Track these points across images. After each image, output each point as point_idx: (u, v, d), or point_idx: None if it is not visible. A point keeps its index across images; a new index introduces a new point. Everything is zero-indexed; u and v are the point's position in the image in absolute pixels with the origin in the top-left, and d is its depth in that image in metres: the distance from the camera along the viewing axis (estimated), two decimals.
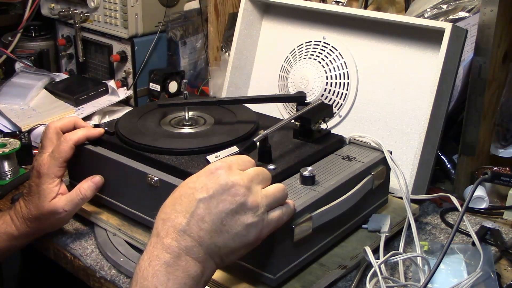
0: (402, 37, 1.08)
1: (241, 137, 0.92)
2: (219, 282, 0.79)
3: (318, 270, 0.82)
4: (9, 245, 0.92)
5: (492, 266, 0.85)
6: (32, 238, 0.93)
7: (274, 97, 1.19)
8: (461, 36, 1.00)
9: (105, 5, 1.48)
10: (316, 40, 1.17)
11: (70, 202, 0.90)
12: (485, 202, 1.05)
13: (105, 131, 0.95)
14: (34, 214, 0.89)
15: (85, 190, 0.91)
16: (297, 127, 0.93)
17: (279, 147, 0.90)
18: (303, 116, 0.92)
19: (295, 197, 0.80)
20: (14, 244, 0.92)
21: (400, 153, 1.04)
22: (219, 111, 1.03)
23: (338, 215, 0.83)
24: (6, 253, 0.93)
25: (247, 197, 0.67)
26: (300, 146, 0.91)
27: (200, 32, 1.56)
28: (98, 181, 0.92)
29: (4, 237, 0.91)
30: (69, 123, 0.95)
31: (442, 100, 1.01)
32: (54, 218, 0.90)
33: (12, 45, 1.60)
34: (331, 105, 1.02)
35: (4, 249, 0.92)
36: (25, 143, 1.18)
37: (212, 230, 0.66)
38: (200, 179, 0.69)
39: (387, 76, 1.09)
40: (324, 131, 0.95)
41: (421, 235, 0.97)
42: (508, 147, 1.09)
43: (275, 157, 0.86)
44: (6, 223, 0.91)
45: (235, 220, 0.67)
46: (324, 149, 0.92)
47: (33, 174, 0.91)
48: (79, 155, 0.95)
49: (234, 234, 0.67)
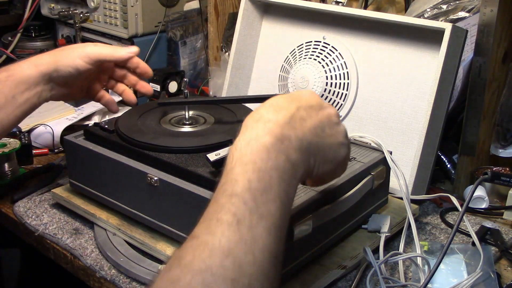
0: (402, 37, 1.08)
1: None
2: None
3: (317, 270, 0.82)
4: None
5: (492, 266, 0.85)
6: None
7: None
8: (461, 36, 1.00)
9: (105, 5, 1.48)
10: (316, 40, 1.17)
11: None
12: (485, 202, 1.05)
13: (105, 129, 0.95)
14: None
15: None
16: None
17: None
18: None
19: (295, 197, 0.79)
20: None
21: (400, 153, 1.04)
22: (219, 111, 1.03)
23: (338, 215, 0.83)
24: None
25: (340, 122, 0.69)
26: None
27: (200, 32, 1.56)
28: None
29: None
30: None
31: (442, 100, 1.01)
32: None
33: (12, 45, 1.60)
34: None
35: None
36: (25, 143, 1.18)
37: (312, 130, 0.64)
38: (293, 93, 0.68)
39: (387, 76, 1.09)
40: None
41: (421, 235, 0.97)
42: (508, 147, 1.09)
43: None
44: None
45: (333, 132, 0.67)
46: None
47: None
48: (79, 155, 0.95)
49: (330, 144, 0.66)
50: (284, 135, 0.61)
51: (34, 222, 0.99)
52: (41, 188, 1.08)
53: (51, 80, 0.97)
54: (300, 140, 0.62)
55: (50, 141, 1.25)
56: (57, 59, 0.97)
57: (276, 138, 0.60)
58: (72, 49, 0.99)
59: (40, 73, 0.95)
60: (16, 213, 1.02)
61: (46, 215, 1.00)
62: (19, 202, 1.04)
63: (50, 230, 0.97)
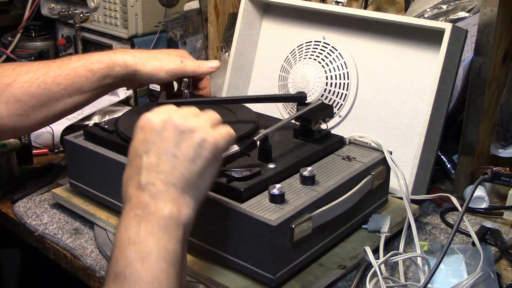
0: (402, 37, 1.08)
1: (241, 136, 0.92)
2: (219, 281, 0.79)
3: (317, 270, 0.82)
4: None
5: (492, 266, 0.85)
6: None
7: (274, 97, 1.19)
8: (461, 37, 1.00)
9: (105, 5, 1.48)
10: (316, 40, 1.17)
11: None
12: (485, 202, 1.05)
13: (104, 130, 0.95)
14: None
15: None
16: (297, 127, 0.93)
17: (279, 146, 0.90)
18: (304, 116, 0.92)
19: (295, 197, 0.80)
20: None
21: (400, 153, 1.04)
22: (219, 111, 1.02)
23: (338, 215, 0.83)
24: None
25: (184, 122, 0.68)
26: (300, 146, 0.91)
27: (200, 32, 1.56)
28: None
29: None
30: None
31: (442, 100, 1.01)
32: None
33: (12, 45, 1.60)
34: (331, 105, 1.02)
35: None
36: (25, 143, 1.18)
37: (168, 167, 0.66)
38: (134, 139, 0.69)
39: (387, 76, 1.09)
40: (324, 131, 0.95)
41: (421, 235, 0.97)
42: (508, 147, 1.09)
43: (275, 157, 0.86)
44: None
45: (184, 145, 0.67)
46: (324, 149, 0.92)
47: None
48: (79, 155, 0.95)
49: (191, 157, 0.67)
50: (146, 199, 0.64)
51: (34, 222, 0.99)
52: (41, 188, 1.08)
53: (127, 76, 0.99)
54: (165, 190, 0.65)
55: (50, 141, 1.25)
56: (144, 63, 0.98)
57: (142, 207, 0.64)
58: (161, 60, 1.00)
59: (125, 69, 0.97)
60: (16, 213, 1.02)
61: (46, 215, 1.00)
62: (19, 202, 1.04)
63: (50, 230, 0.97)
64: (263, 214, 0.76)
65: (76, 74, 0.96)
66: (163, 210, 0.63)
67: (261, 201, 0.79)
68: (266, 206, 0.78)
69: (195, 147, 0.67)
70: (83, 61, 0.97)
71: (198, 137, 0.68)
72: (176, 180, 0.65)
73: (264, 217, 0.75)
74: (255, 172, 0.81)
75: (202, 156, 0.67)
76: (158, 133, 0.67)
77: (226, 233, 0.79)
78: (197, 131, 0.68)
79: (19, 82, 0.93)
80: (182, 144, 0.67)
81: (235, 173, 0.80)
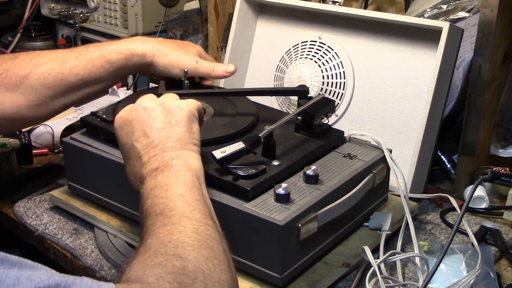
0: (398, 36, 1.07)
1: (243, 129, 0.91)
2: None
3: (322, 269, 0.83)
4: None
5: (492, 266, 0.85)
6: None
7: (276, 90, 1.18)
8: (457, 35, 1.00)
9: (105, 5, 1.48)
10: (312, 40, 1.17)
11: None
12: (485, 202, 1.05)
13: (102, 119, 0.94)
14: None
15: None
16: (298, 121, 0.93)
17: (281, 141, 0.89)
18: (307, 111, 0.91)
19: (300, 196, 0.80)
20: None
21: (398, 152, 1.04)
22: (218, 101, 1.01)
23: (341, 214, 0.83)
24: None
25: (151, 102, 0.77)
26: (302, 141, 0.90)
27: (200, 32, 1.56)
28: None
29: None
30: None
31: (439, 99, 1.01)
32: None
33: (12, 45, 1.60)
34: (333, 100, 1.00)
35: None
36: (25, 143, 1.18)
37: (161, 137, 0.73)
38: (119, 140, 0.77)
39: (383, 75, 1.09)
40: (325, 125, 0.95)
41: (421, 235, 0.97)
42: (508, 147, 1.09)
43: (278, 153, 0.86)
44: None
45: (162, 116, 0.75)
46: (326, 145, 0.92)
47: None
48: (77, 157, 0.95)
49: (174, 122, 0.75)
50: (154, 168, 0.72)
51: (34, 222, 0.99)
52: (41, 188, 1.08)
53: (143, 67, 1.00)
54: (160, 154, 0.73)
55: (50, 141, 1.25)
56: (161, 57, 0.99)
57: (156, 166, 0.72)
58: (178, 56, 1.00)
59: (143, 59, 0.98)
60: (16, 213, 1.02)
61: (46, 215, 1.00)
62: (19, 202, 1.04)
63: (50, 230, 0.97)
64: (270, 214, 0.76)
65: (93, 64, 0.96)
66: (175, 164, 0.71)
67: (267, 200, 0.79)
68: (272, 205, 0.78)
69: (173, 111, 0.75)
70: (101, 51, 0.97)
71: (169, 104, 0.76)
72: (173, 143, 0.73)
73: (271, 217, 0.75)
74: (261, 170, 0.81)
75: (182, 116, 0.75)
76: (135, 120, 0.75)
77: (232, 233, 0.78)
78: (166, 101, 0.77)
79: (36, 73, 0.93)
80: (160, 116, 0.75)
81: (241, 171, 0.80)
